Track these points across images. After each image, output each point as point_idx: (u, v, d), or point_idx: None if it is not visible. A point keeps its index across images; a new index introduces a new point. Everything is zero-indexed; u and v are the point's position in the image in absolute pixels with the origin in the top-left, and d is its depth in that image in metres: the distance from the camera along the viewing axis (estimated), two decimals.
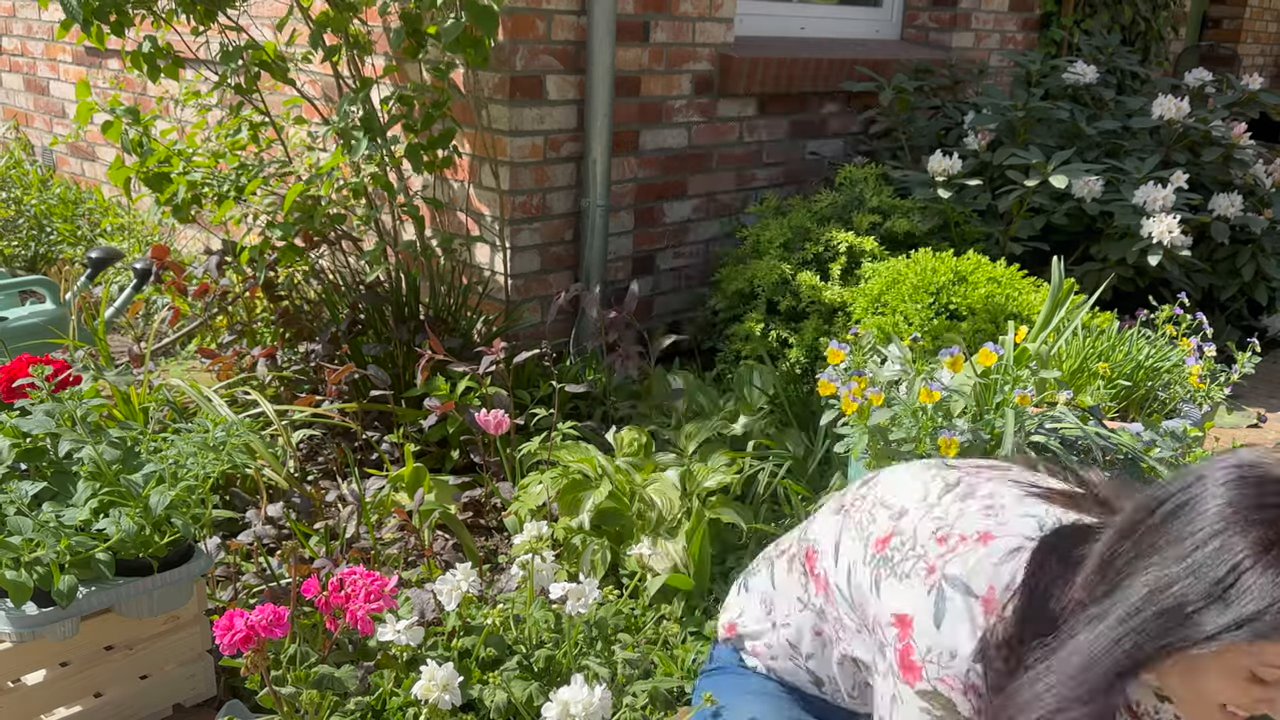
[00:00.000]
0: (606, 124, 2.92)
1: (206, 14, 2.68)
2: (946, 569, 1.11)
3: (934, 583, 1.11)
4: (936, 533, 1.15)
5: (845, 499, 1.33)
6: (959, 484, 1.19)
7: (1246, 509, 0.93)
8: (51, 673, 1.64)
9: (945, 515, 1.16)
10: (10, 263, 4.18)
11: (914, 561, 1.14)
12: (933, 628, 1.10)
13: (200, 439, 1.71)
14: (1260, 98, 3.78)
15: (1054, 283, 2.45)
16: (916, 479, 1.23)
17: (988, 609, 1.09)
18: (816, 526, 1.36)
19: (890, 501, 1.22)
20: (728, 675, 1.50)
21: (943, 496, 1.18)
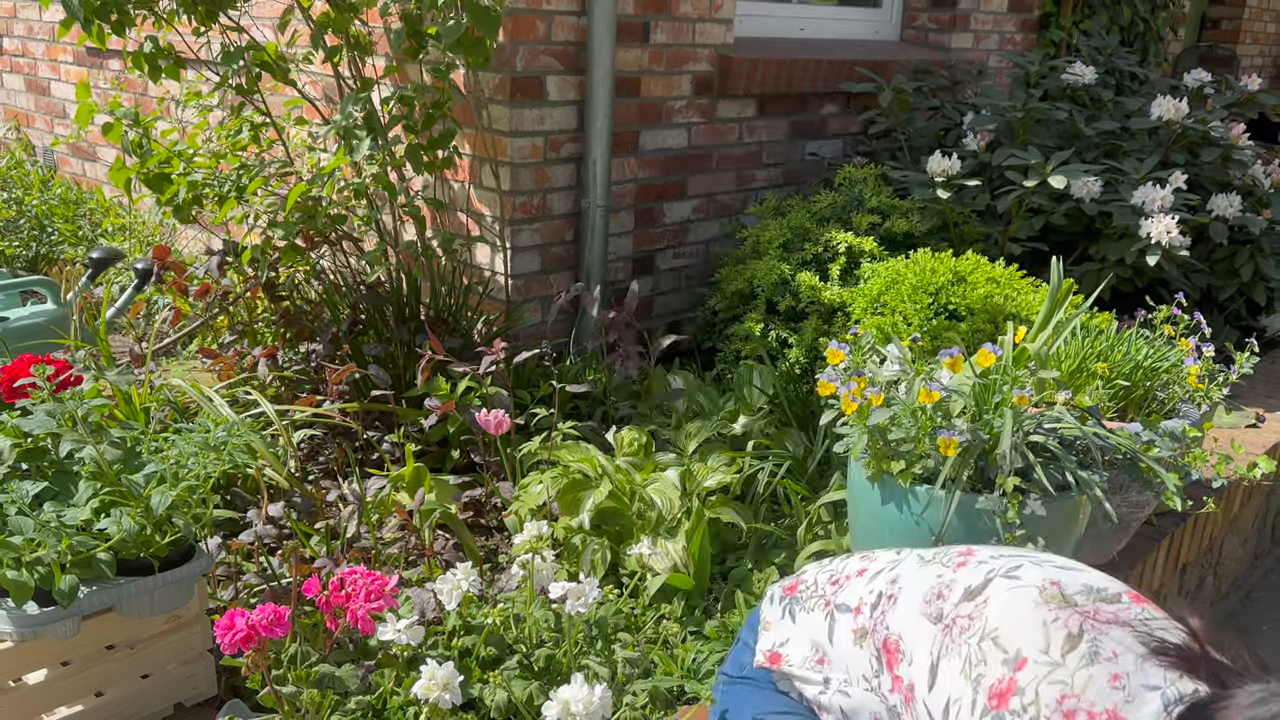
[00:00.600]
0: (606, 125, 2.92)
1: (208, 14, 2.68)
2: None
3: None
4: (1063, 704, 1.10)
5: (944, 606, 1.25)
6: (1082, 637, 1.14)
7: None
8: (52, 672, 1.65)
9: (1071, 681, 1.11)
10: (11, 263, 4.18)
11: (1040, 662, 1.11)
12: None
13: (201, 439, 1.71)
14: (1259, 98, 3.78)
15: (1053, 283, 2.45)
16: (1035, 618, 1.17)
17: None
18: (902, 619, 1.28)
19: (1005, 643, 1.16)
20: (759, 691, 1.45)
21: (1066, 654, 1.13)
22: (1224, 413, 3.18)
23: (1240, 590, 3.21)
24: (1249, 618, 3.11)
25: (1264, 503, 3.25)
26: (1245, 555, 3.23)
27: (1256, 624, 3.06)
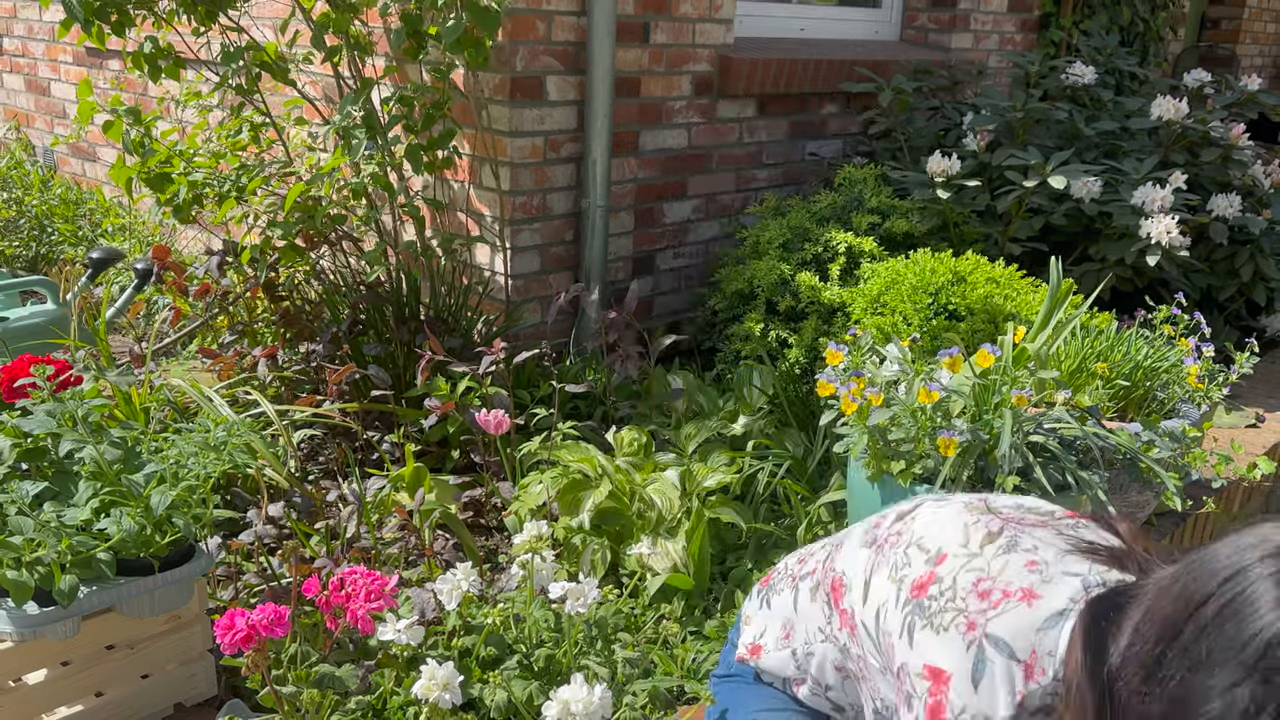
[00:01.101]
0: (606, 125, 2.92)
1: (208, 15, 2.68)
2: (989, 628, 1.08)
3: (974, 640, 1.09)
4: (978, 585, 1.11)
5: (878, 532, 1.28)
6: (1002, 534, 1.15)
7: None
8: (53, 672, 1.65)
9: (988, 568, 1.13)
10: (11, 263, 4.19)
11: (953, 615, 1.12)
12: (970, 688, 1.08)
13: (201, 439, 1.71)
14: (1259, 98, 3.78)
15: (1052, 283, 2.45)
16: (957, 521, 1.19)
17: (1028, 674, 1.07)
18: (844, 556, 1.31)
19: (928, 544, 1.18)
20: (744, 686, 1.47)
21: (985, 546, 1.15)
22: (1224, 413, 3.18)
23: None
24: None
25: (1264, 503, 3.25)
26: None
27: None
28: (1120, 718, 0.97)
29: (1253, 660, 0.87)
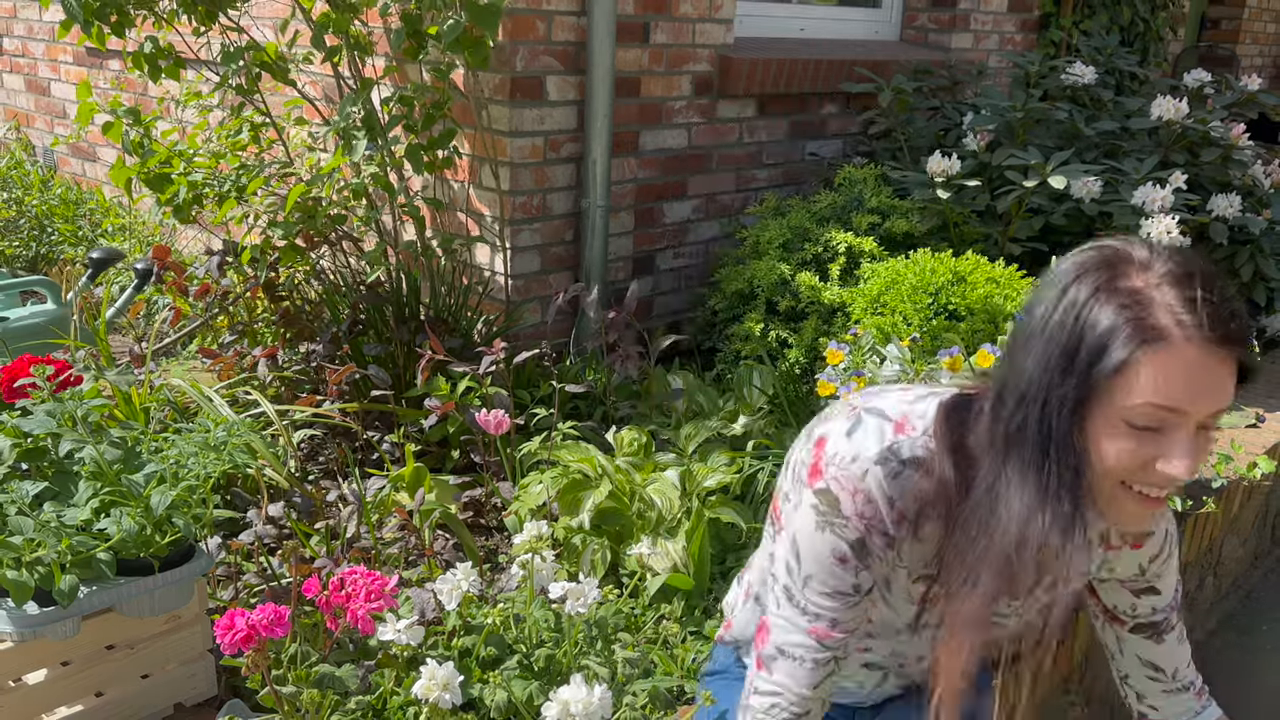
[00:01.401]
0: (606, 125, 2.92)
1: (208, 15, 2.68)
2: (867, 404, 1.21)
3: (855, 413, 1.20)
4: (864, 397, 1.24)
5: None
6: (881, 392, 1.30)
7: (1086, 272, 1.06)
8: (52, 672, 1.65)
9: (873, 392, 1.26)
10: (11, 263, 4.19)
11: (841, 408, 1.23)
12: (844, 440, 1.17)
13: (201, 439, 1.71)
14: (1259, 98, 3.78)
15: None
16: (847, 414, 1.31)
17: (898, 430, 1.16)
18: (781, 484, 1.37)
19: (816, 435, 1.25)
20: (729, 680, 1.50)
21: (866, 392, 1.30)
22: None
23: (1240, 590, 3.21)
24: (1249, 618, 3.11)
25: (1264, 503, 3.24)
26: (1245, 555, 3.23)
27: (1256, 624, 3.06)
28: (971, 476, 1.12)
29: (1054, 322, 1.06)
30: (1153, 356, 1.01)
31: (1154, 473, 1.04)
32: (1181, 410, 1.02)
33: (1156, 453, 1.03)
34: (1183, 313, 1.01)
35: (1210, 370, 1.01)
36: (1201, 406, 1.02)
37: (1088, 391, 1.04)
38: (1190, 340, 1.00)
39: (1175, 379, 1.01)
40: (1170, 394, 1.01)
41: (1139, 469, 1.05)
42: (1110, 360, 1.02)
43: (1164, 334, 1.00)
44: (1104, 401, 1.03)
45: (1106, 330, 1.02)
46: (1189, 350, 1.00)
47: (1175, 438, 1.03)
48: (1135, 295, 1.02)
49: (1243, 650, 2.89)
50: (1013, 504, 1.08)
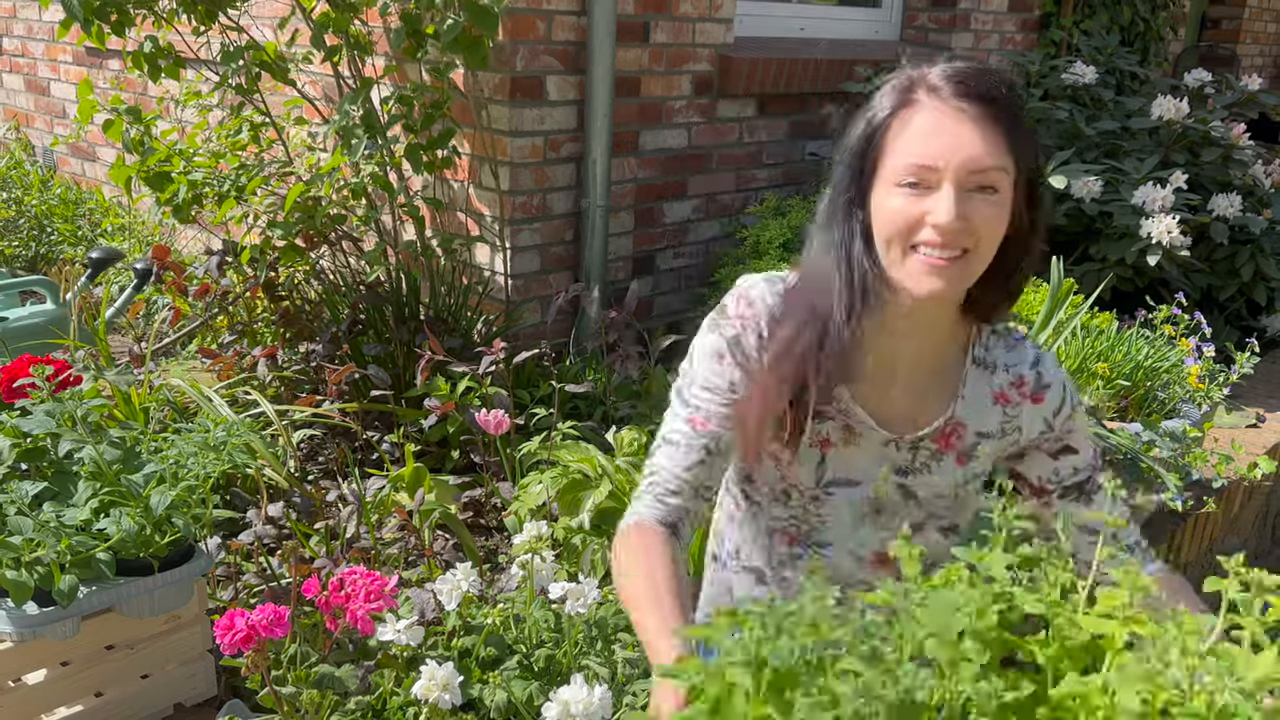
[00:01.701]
0: (606, 124, 2.92)
1: (207, 14, 2.68)
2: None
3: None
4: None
5: None
6: None
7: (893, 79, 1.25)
8: (52, 672, 1.65)
9: None
10: (11, 263, 4.18)
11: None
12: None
13: (201, 439, 1.71)
14: (1259, 98, 3.78)
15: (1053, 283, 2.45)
16: None
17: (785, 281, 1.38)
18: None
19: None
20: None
21: None
22: (1224, 413, 3.18)
23: None
24: None
25: (1264, 503, 3.24)
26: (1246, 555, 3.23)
27: None
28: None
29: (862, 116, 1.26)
30: (908, 117, 1.20)
31: (927, 230, 1.19)
32: (936, 166, 1.18)
33: (925, 209, 1.19)
34: (937, 81, 1.20)
35: (958, 127, 1.18)
36: (954, 160, 1.17)
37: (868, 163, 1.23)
38: (939, 100, 1.19)
39: (928, 136, 1.19)
40: (925, 151, 1.18)
41: (914, 227, 1.20)
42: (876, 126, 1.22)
43: (916, 99, 1.20)
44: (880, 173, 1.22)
45: (878, 107, 1.23)
46: (937, 109, 1.19)
47: (939, 194, 1.18)
48: (907, 78, 1.23)
49: None
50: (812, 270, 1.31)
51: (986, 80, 1.20)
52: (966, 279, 1.23)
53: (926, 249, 1.20)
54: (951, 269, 1.21)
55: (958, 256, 1.20)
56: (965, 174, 1.18)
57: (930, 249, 1.20)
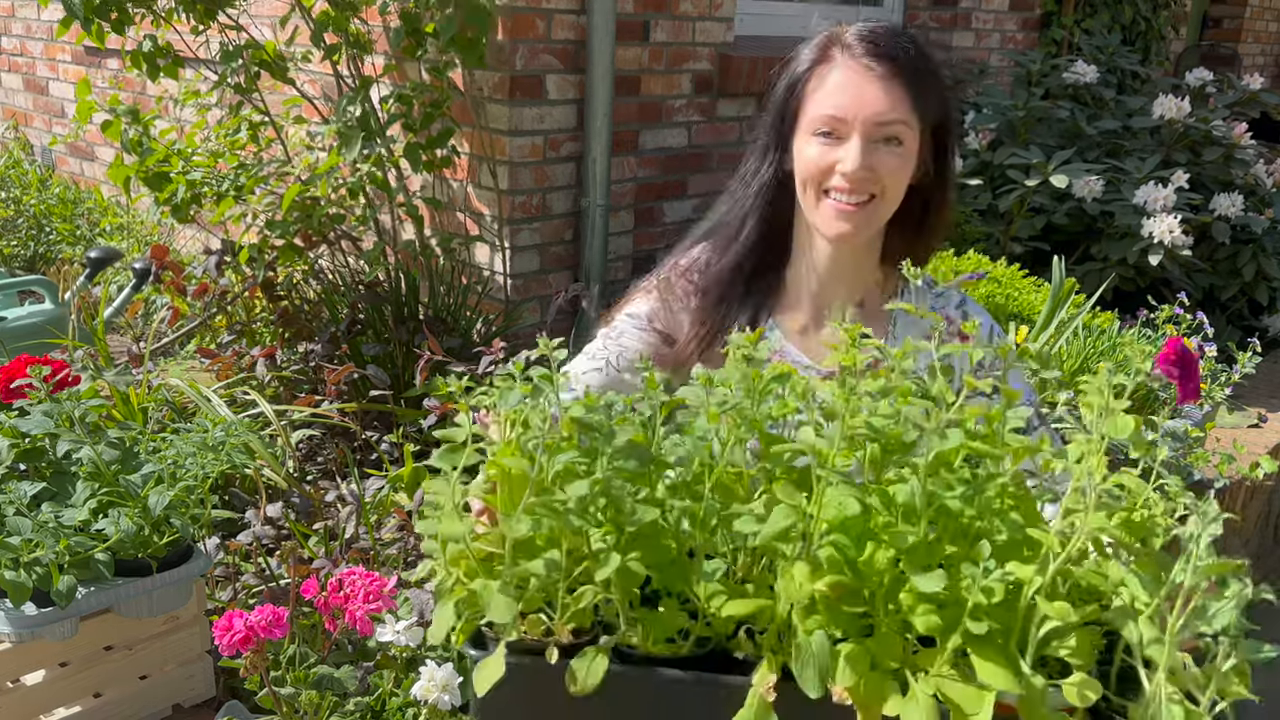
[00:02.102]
0: (606, 124, 2.92)
1: (206, 13, 2.67)
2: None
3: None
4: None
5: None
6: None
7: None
8: (51, 673, 1.64)
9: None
10: (9, 262, 4.18)
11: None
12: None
13: (199, 439, 1.70)
14: (1261, 97, 3.77)
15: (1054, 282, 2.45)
16: None
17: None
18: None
19: None
20: None
21: None
22: (1226, 413, 3.17)
23: None
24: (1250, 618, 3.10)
25: (1266, 503, 3.24)
26: (1247, 555, 3.22)
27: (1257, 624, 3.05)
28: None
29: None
30: (824, 72, 1.35)
31: (837, 176, 1.33)
32: (845, 118, 1.32)
33: (836, 158, 1.32)
34: (850, 40, 1.35)
35: (866, 83, 1.31)
36: (861, 113, 1.31)
37: (789, 112, 1.38)
38: (850, 57, 1.33)
39: (839, 91, 1.32)
40: (836, 103, 1.32)
41: (826, 173, 1.33)
42: (797, 79, 1.37)
43: (831, 55, 1.36)
44: (800, 122, 1.36)
45: (799, 61, 1.39)
46: (848, 66, 1.33)
47: (848, 144, 1.32)
48: (825, 36, 1.39)
49: None
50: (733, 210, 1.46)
51: (895, 40, 1.33)
52: (873, 223, 1.37)
53: (836, 194, 1.34)
54: (859, 214, 1.34)
55: (865, 202, 1.34)
56: (871, 126, 1.31)
57: (839, 194, 1.33)
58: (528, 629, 0.88)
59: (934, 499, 0.84)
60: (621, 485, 0.87)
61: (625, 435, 0.90)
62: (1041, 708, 0.77)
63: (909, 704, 0.78)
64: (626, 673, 0.86)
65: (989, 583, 0.78)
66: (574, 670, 0.84)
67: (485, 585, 0.87)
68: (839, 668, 0.80)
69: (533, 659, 0.86)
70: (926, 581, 0.78)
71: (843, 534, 0.84)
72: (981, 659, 0.78)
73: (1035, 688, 0.77)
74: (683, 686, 0.85)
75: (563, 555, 0.87)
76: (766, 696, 0.81)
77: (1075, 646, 0.80)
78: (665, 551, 0.88)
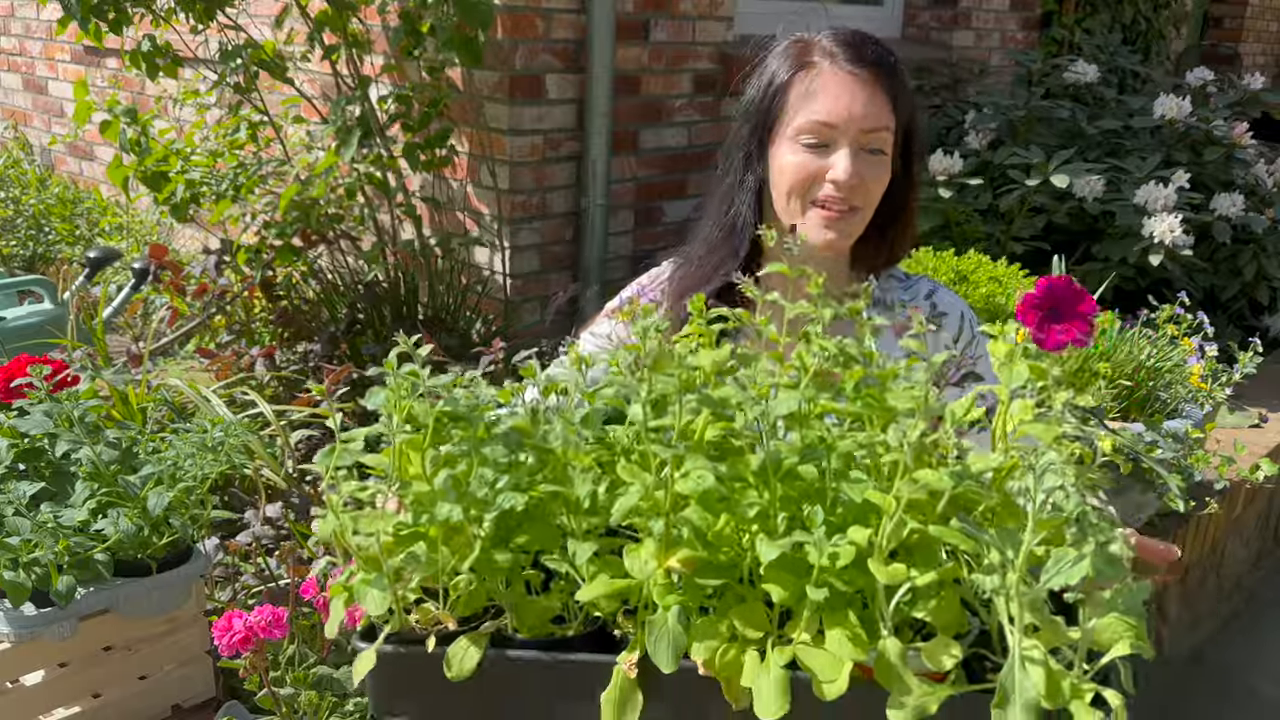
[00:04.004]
0: (606, 123, 2.91)
1: (205, 13, 2.67)
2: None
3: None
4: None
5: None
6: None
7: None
8: (50, 673, 1.64)
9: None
10: (8, 262, 4.17)
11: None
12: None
13: (199, 439, 1.70)
14: (1262, 97, 3.77)
15: None
16: None
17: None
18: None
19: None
20: None
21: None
22: (1227, 413, 3.17)
23: (1243, 591, 3.21)
24: (1251, 618, 3.10)
25: (1266, 504, 3.24)
26: (1248, 556, 3.22)
27: (1259, 624, 3.06)
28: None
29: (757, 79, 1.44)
30: (808, 79, 1.34)
31: (826, 185, 1.32)
32: (835, 124, 1.31)
33: (824, 165, 1.32)
34: (832, 47, 1.34)
35: (854, 90, 1.31)
36: (852, 121, 1.30)
37: (769, 120, 1.36)
38: (835, 65, 1.32)
39: (827, 98, 1.31)
40: (827, 110, 1.31)
41: (814, 181, 1.33)
42: (778, 87, 1.36)
43: (814, 62, 1.34)
44: (780, 130, 1.35)
45: (777, 69, 1.37)
46: (834, 73, 1.32)
47: (837, 152, 1.31)
48: (799, 44, 1.38)
49: (1245, 651, 2.88)
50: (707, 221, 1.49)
51: (874, 48, 1.35)
52: (855, 231, 1.37)
53: (824, 203, 1.33)
54: (844, 222, 1.35)
55: (848, 211, 1.34)
56: (859, 133, 1.31)
57: (828, 203, 1.33)
58: (420, 618, 0.90)
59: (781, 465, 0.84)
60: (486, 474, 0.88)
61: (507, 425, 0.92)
62: (895, 673, 0.76)
63: (762, 672, 0.78)
64: (502, 656, 0.87)
65: (832, 547, 0.78)
66: (449, 657, 0.86)
67: (362, 579, 0.89)
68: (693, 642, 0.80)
69: (413, 648, 0.89)
70: (767, 549, 0.78)
71: (702, 507, 0.84)
72: (831, 626, 0.78)
73: (885, 653, 0.76)
74: (556, 667, 0.87)
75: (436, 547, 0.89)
76: (629, 673, 0.82)
77: (934, 609, 0.79)
78: (553, 536, 0.89)
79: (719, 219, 1.47)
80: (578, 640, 0.89)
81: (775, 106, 1.37)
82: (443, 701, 0.90)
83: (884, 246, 1.45)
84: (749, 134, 1.41)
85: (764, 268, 1.48)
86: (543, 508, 0.91)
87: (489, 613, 0.91)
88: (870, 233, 1.42)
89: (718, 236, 1.47)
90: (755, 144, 1.40)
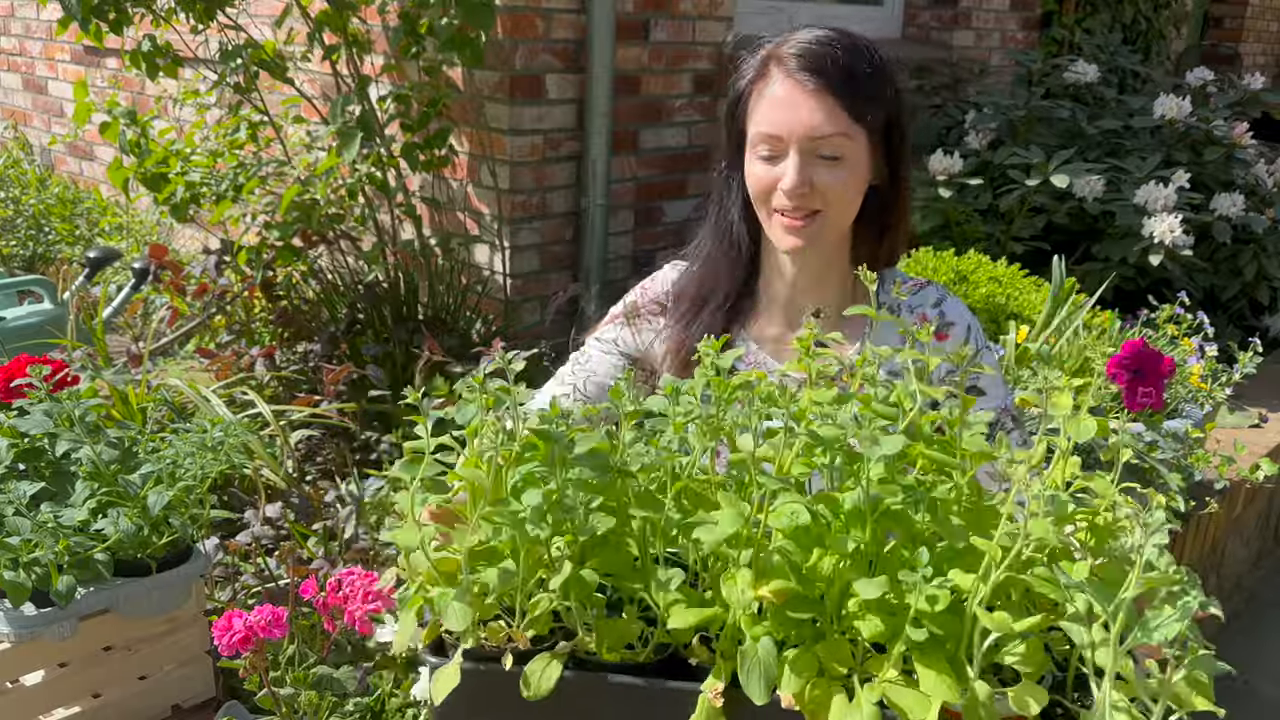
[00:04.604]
0: (606, 123, 2.91)
1: (205, 13, 2.67)
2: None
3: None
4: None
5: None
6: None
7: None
8: (50, 673, 1.64)
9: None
10: (8, 262, 4.17)
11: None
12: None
13: (198, 439, 1.70)
14: (1262, 97, 3.77)
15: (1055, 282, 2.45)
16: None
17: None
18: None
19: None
20: None
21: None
22: (1227, 413, 3.17)
23: (1243, 591, 3.21)
24: (1251, 618, 3.10)
25: (1266, 504, 3.23)
26: (1248, 556, 3.22)
27: (1259, 624, 3.06)
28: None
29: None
30: (761, 89, 1.33)
31: (779, 194, 1.33)
32: (780, 136, 1.30)
33: (777, 175, 1.32)
34: (784, 54, 1.31)
35: (798, 99, 1.29)
36: (796, 131, 1.29)
37: (735, 130, 1.37)
38: (784, 73, 1.30)
39: (773, 107, 1.30)
40: (772, 121, 1.31)
41: (771, 191, 1.33)
42: (738, 96, 1.35)
43: (768, 71, 1.32)
44: (746, 138, 1.36)
45: (741, 77, 1.36)
46: (781, 82, 1.30)
47: (786, 161, 1.31)
48: (766, 51, 1.34)
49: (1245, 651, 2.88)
50: (705, 233, 1.51)
51: (827, 53, 1.30)
52: (825, 235, 1.36)
53: (783, 211, 1.34)
54: (807, 228, 1.34)
55: (809, 215, 1.33)
56: (806, 141, 1.29)
57: (785, 211, 1.34)
58: (488, 636, 0.89)
59: (879, 505, 0.84)
60: (576, 494, 0.87)
61: (587, 444, 0.90)
62: (984, 715, 0.77)
63: (853, 711, 0.78)
64: (580, 678, 0.86)
65: (931, 590, 0.78)
66: (527, 676, 0.85)
67: (443, 593, 0.88)
68: (784, 674, 0.80)
69: (490, 665, 0.87)
70: (867, 587, 0.78)
71: (792, 541, 0.84)
72: (924, 666, 0.78)
73: (976, 695, 0.77)
74: (634, 692, 0.86)
75: (520, 564, 0.87)
76: (715, 702, 0.82)
77: (1023, 654, 0.79)
78: (625, 560, 0.89)
79: (715, 223, 1.49)
80: (649, 666, 0.88)
81: (740, 114, 1.38)
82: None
83: (879, 246, 1.44)
84: (727, 140, 1.42)
85: (763, 269, 1.49)
86: (614, 531, 0.89)
87: (553, 634, 0.90)
88: (864, 231, 1.42)
89: (712, 244, 1.49)
90: (734, 150, 1.41)
